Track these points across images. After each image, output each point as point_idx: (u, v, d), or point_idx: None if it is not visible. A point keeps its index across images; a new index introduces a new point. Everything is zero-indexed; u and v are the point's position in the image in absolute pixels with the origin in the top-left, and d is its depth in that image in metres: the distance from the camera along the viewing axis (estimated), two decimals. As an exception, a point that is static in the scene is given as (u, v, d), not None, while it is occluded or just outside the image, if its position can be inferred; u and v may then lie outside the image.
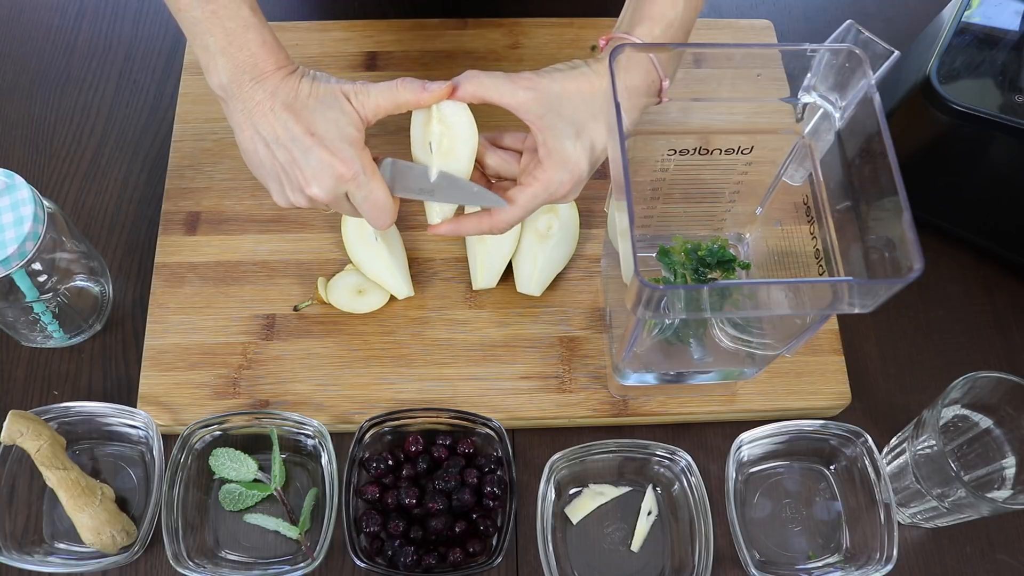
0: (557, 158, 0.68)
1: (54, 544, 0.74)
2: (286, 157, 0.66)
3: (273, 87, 0.65)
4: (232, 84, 0.66)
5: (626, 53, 0.64)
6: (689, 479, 0.74)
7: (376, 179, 0.67)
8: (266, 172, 0.68)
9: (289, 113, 0.65)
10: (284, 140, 0.65)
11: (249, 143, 0.67)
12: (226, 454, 0.75)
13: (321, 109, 0.65)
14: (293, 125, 0.65)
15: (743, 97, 0.68)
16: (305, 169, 0.66)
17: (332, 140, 0.65)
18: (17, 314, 0.77)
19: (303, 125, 0.65)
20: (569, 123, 0.68)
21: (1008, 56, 0.79)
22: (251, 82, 0.65)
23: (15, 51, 0.99)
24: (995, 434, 0.74)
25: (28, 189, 0.72)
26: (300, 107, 0.65)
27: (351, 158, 0.65)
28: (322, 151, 0.65)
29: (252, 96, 0.65)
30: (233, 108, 0.67)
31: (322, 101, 0.65)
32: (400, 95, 0.67)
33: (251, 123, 0.66)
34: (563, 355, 0.82)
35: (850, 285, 0.56)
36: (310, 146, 0.65)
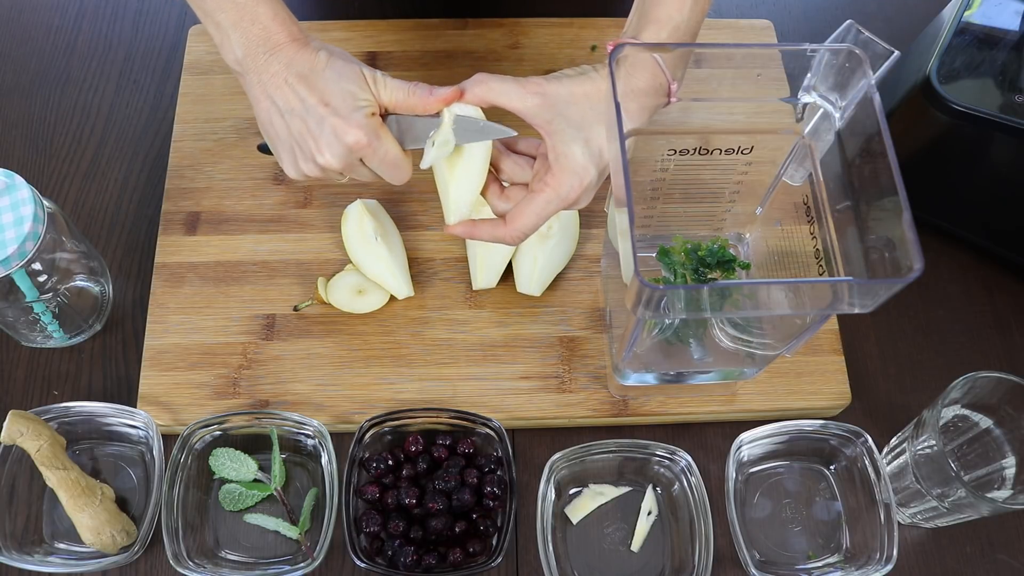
0: (566, 164, 0.67)
1: (54, 544, 0.74)
2: (300, 127, 0.67)
3: (288, 58, 0.66)
4: (247, 58, 0.66)
5: (629, 54, 0.64)
6: (689, 479, 0.74)
7: (389, 140, 0.68)
8: (280, 143, 0.69)
9: (303, 84, 0.66)
10: (299, 110, 0.66)
11: (265, 115, 0.68)
12: (226, 454, 0.75)
13: (336, 79, 0.66)
14: (307, 95, 0.66)
15: (743, 97, 0.68)
16: (319, 138, 0.66)
17: (345, 109, 0.66)
18: (17, 314, 0.77)
19: (317, 95, 0.66)
20: (577, 128, 0.67)
21: (1008, 56, 0.79)
22: (265, 54, 0.66)
23: (15, 51, 0.99)
24: (995, 434, 0.74)
25: (28, 189, 0.72)
26: (315, 78, 0.66)
27: (363, 124, 0.66)
28: (336, 119, 0.66)
29: (267, 68, 0.66)
30: (250, 81, 0.67)
31: (337, 72, 0.66)
32: (411, 98, 0.68)
33: (267, 95, 0.67)
34: (563, 355, 0.82)
35: (850, 285, 0.56)
36: (324, 116, 0.66)
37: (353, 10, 1.02)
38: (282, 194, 0.88)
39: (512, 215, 0.69)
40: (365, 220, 0.83)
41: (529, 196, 0.69)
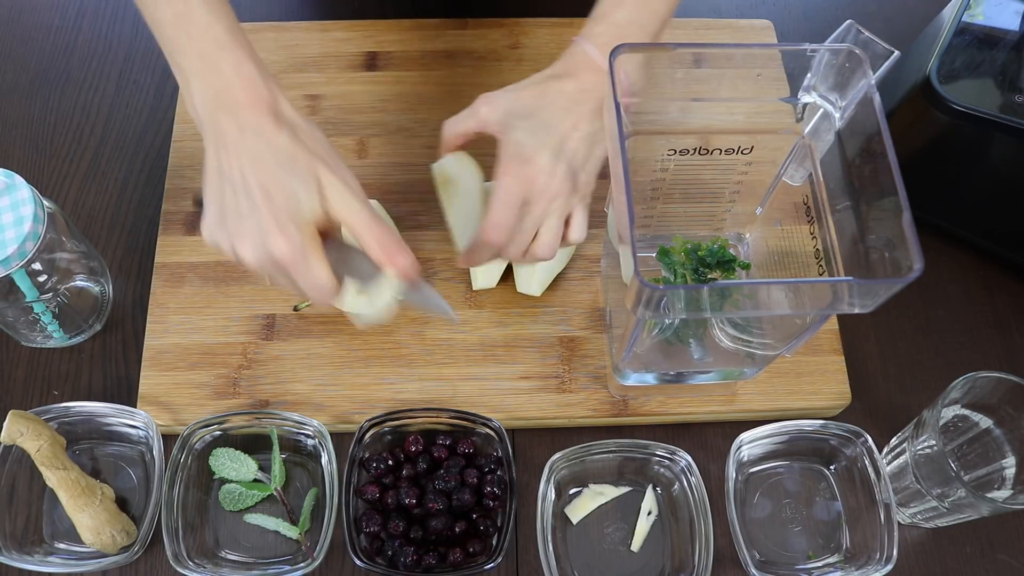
0: (513, 150, 0.70)
1: (54, 544, 0.74)
2: (232, 200, 0.61)
3: (244, 124, 0.61)
4: (204, 110, 0.62)
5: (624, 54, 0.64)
6: (689, 479, 0.74)
7: (317, 263, 0.62)
8: (212, 200, 0.63)
9: (252, 162, 0.60)
10: (238, 186, 0.61)
11: (211, 170, 0.63)
12: (226, 454, 0.75)
13: (287, 175, 0.60)
14: (251, 176, 0.60)
15: (743, 97, 0.68)
16: (244, 223, 0.61)
17: (283, 212, 0.60)
18: (17, 314, 0.77)
19: (260, 180, 0.60)
20: (524, 118, 0.71)
21: (1008, 56, 0.79)
22: (223, 111, 0.61)
23: (15, 51, 0.99)
24: (995, 434, 0.74)
25: (28, 189, 0.72)
26: (268, 160, 0.60)
27: (293, 238, 0.60)
28: (268, 218, 0.60)
29: (222, 126, 0.61)
30: (204, 132, 0.63)
31: (293, 166, 0.61)
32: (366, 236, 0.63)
33: (215, 152, 0.62)
34: (563, 355, 0.82)
35: (850, 285, 0.56)
36: (258, 206, 0.60)
37: (353, 10, 1.02)
38: (282, 194, 0.88)
39: (484, 219, 0.71)
40: None
41: (492, 196, 0.71)
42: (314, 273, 0.62)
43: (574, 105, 0.72)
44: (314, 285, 0.62)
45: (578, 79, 0.72)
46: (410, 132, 0.92)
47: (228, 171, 0.61)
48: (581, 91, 0.72)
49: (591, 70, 0.72)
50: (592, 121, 0.72)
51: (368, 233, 0.63)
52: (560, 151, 0.71)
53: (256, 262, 0.62)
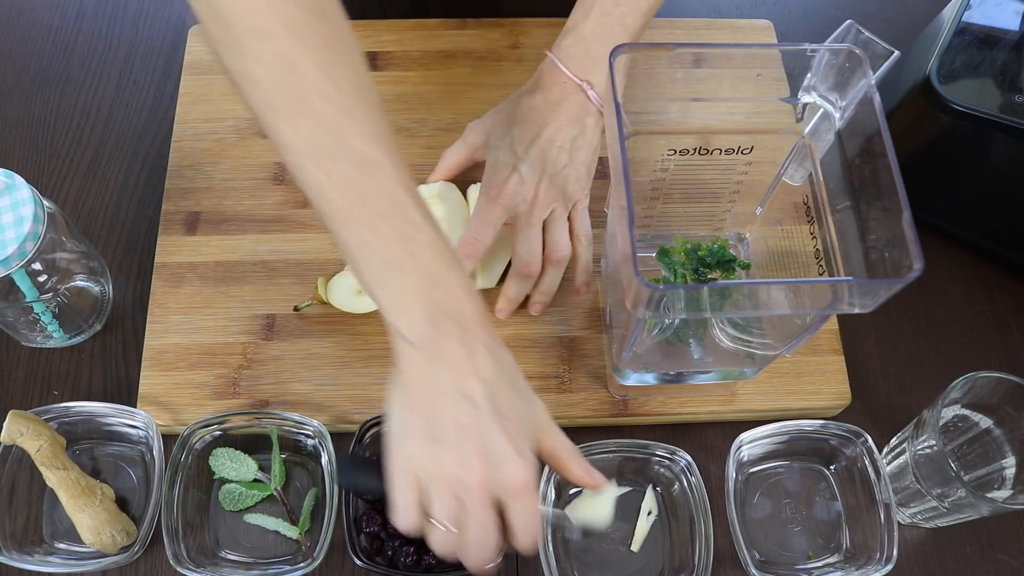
0: (490, 169, 0.77)
1: (54, 544, 0.74)
2: (471, 423, 0.55)
3: (471, 342, 0.56)
4: (426, 328, 0.56)
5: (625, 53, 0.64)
6: (689, 479, 0.74)
7: (534, 500, 0.57)
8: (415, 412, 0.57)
9: (485, 385, 0.55)
10: (478, 406, 0.55)
11: (423, 398, 0.56)
12: (226, 454, 0.75)
13: (516, 399, 0.57)
14: (485, 398, 0.55)
15: (743, 97, 0.68)
16: (482, 445, 0.55)
17: (519, 436, 0.56)
18: (17, 314, 0.77)
19: (494, 403, 0.55)
20: (500, 137, 0.77)
21: (1008, 56, 0.79)
22: (450, 327, 0.56)
23: (15, 51, 0.99)
24: (995, 434, 0.74)
25: (28, 189, 0.72)
26: (501, 382, 0.56)
27: (531, 463, 0.56)
28: (506, 441, 0.55)
29: (447, 343, 0.55)
30: (418, 358, 0.56)
31: (520, 392, 0.58)
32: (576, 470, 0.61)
33: (439, 375, 0.55)
34: (563, 355, 0.82)
35: (850, 285, 0.57)
36: (496, 430, 0.55)
37: (353, 10, 1.01)
38: (282, 194, 0.88)
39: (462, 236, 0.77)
40: None
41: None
42: (532, 512, 0.57)
43: (545, 117, 0.75)
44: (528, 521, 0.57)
45: (546, 92, 0.75)
46: (410, 132, 0.92)
47: (450, 387, 0.56)
48: (548, 103, 0.75)
49: (559, 82, 0.75)
50: (567, 129, 0.75)
51: (576, 460, 0.61)
52: (536, 162, 0.74)
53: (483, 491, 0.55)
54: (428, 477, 0.56)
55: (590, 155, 0.77)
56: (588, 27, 0.75)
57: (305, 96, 0.54)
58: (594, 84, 0.74)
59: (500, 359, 0.57)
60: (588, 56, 0.74)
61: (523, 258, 0.77)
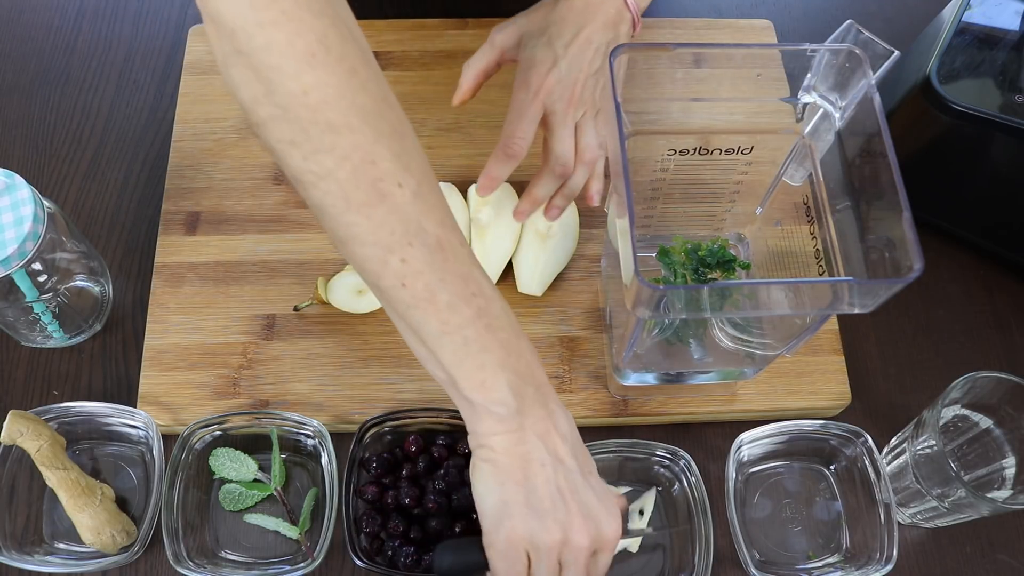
0: (525, 65, 0.73)
1: (54, 544, 0.74)
2: (566, 485, 0.58)
3: (550, 404, 0.59)
4: (512, 399, 0.57)
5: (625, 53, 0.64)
6: (689, 479, 0.74)
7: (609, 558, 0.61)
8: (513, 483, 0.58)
9: (565, 444, 0.58)
10: (568, 466, 0.58)
11: (517, 470, 0.58)
12: (226, 454, 0.75)
13: (585, 453, 0.60)
14: (568, 455, 0.58)
15: (743, 97, 0.68)
16: (581, 506, 0.58)
17: (602, 488, 0.59)
18: (17, 314, 0.77)
19: (578, 460, 0.59)
20: (535, 36, 0.73)
21: (1008, 56, 0.79)
22: (535, 393, 0.58)
23: (15, 51, 0.99)
24: (995, 434, 0.74)
25: (28, 189, 0.72)
26: (575, 438, 0.60)
27: (618, 517, 0.59)
28: (597, 497, 0.58)
29: (534, 411, 0.58)
30: (504, 428, 0.58)
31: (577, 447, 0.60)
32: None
33: (527, 441, 0.58)
34: (563, 355, 0.82)
35: (850, 285, 0.57)
36: (587, 487, 0.58)
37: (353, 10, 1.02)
38: (282, 194, 0.88)
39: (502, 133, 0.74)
40: None
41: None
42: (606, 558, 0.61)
43: (583, 18, 0.72)
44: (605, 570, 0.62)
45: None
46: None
47: (555, 453, 0.58)
48: (588, 4, 0.72)
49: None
50: (604, 32, 0.73)
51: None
52: (576, 60, 0.72)
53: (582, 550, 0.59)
54: (534, 548, 0.58)
55: None
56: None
57: (382, 186, 0.53)
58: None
59: (568, 413, 0.60)
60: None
61: (560, 157, 0.74)
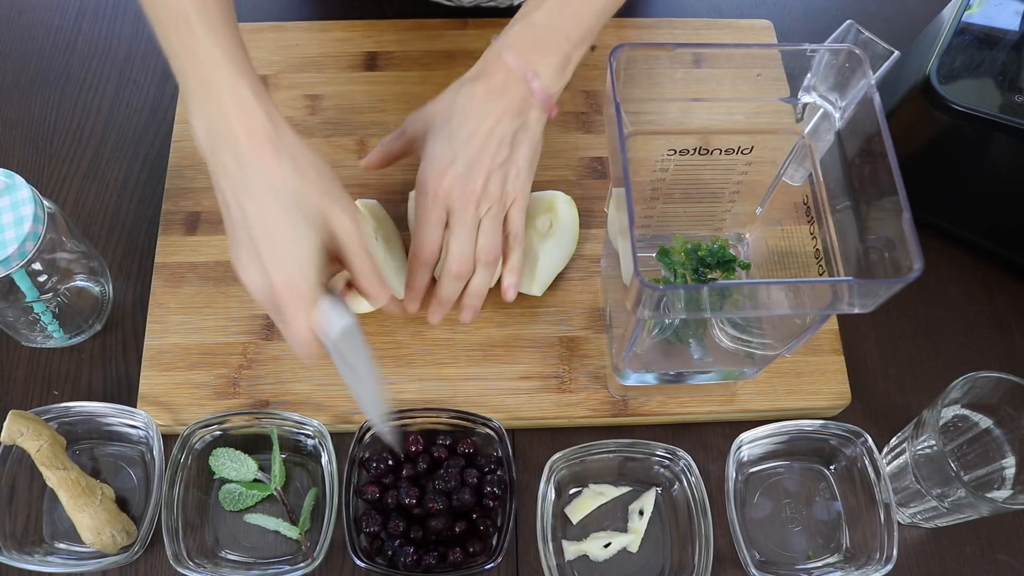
0: (427, 163, 0.72)
1: (54, 544, 0.74)
2: (239, 234, 0.62)
3: (244, 160, 0.61)
4: (204, 142, 0.62)
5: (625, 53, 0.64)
6: (689, 479, 0.74)
7: (302, 316, 0.63)
8: (227, 227, 0.65)
9: (252, 200, 0.61)
10: (237, 219, 0.62)
11: (218, 198, 0.64)
12: (226, 454, 0.75)
13: (287, 215, 0.61)
14: (251, 212, 0.61)
15: (743, 97, 0.68)
16: (244, 254, 0.62)
17: (281, 251, 0.61)
18: (17, 314, 0.77)
19: (263, 216, 0.61)
20: (438, 128, 0.72)
21: (1008, 56, 0.79)
22: (222, 144, 0.61)
23: (15, 51, 0.99)
24: (995, 434, 0.74)
25: (28, 189, 0.72)
26: (270, 197, 0.61)
27: (294, 279, 0.61)
28: (268, 256, 0.61)
29: (222, 159, 0.62)
30: (208, 164, 0.64)
31: (297, 205, 0.61)
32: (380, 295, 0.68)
33: (218, 182, 0.63)
34: (563, 355, 0.82)
35: (850, 285, 0.57)
36: (259, 240, 0.61)
37: (353, 10, 1.02)
38: (282, 194, 0.88)
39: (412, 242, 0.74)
40: (364, 220, 0.82)
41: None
42: (297, 325, 0.63)
43: (485, 107, 0.71)
44: (295, 334, 0.64)
45: (488, 80, 0.71)
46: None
47: (231, 204, 0.62)
48: (489, 92, 0.71)
49: (502, 71, 0.71)
50: (510, 121, 0.71)
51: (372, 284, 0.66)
52: (476, 156, 0.70)
53: (258, 295, 0.63)
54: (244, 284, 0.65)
55: (532, 151, 0.73)
56: (541, 16, 0.71)
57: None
58: (540, 75, 0.70)
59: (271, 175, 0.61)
60: (536, 45, 0.70)
61: (456, 257, 0.72)
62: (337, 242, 0.64)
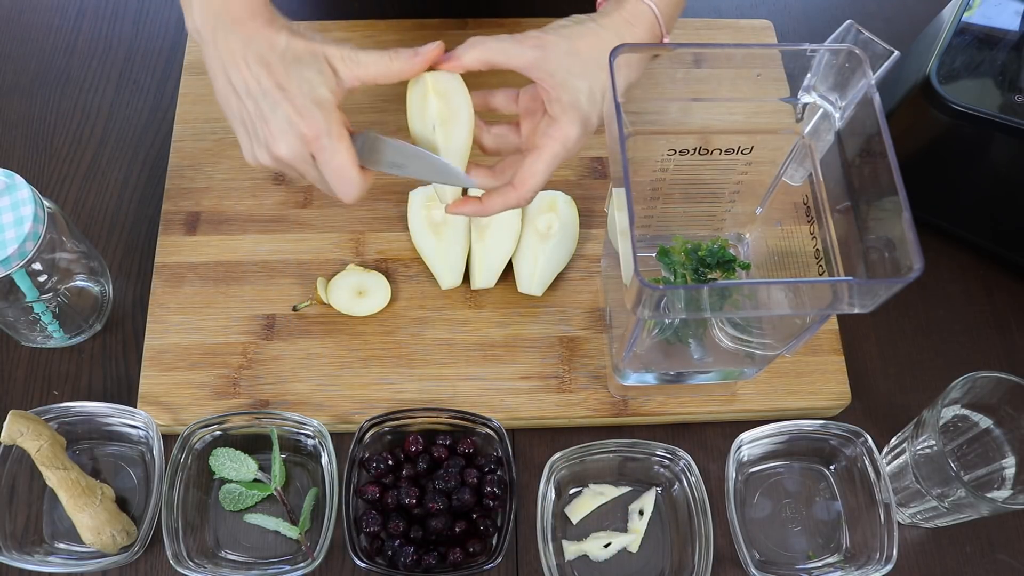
0: (573, 114, 0.67)
1: (54, 544, 0.74)
2: (255, 109, 0.64)
3: (247, 36, 0.63)
4: (205, 28, 0.64)
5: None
6: (689, 479, 0.74)
7: (342, 145, 0.64)
8: (238, 122, 0.66)
9: (261, 66, 0.63)
10: (254, 92, 0.63)
11: (222, 91, 0.65)
12: (226, 454, 0.75)
13: (296, 67, 0.63)
14: (264, 78, 0.63)
15: (743, 97, 0.68)
16: (271, 123, 0.64)
17: (302, 99, 0.63)
18: (17, 314, 0.77)
19: (274, 79, 0.63)
20: (580, 77, 0.67)
21: (1008, 56, 0.79)
22: (223, 29, 0.63)
23: (15, 51, 0.99)
24: (995, 434, 0.74)
25: (28, 189, 0.72)
26: (274, 61, 0.63)
27: (317, 119, 0.63)
28: (289, 108, 0.63)
29: (225, 43, 0.63)
30: (207, 54, 0.65)
31: (298, 58, 0.63)
32: (394, 65, 0.65)
33: (224, 71, 0.64)
34: (563, 355, 0.82)
35: (850, 285, 0.56)
36: (278, 101, 0.63)
37: (353, 10, 1.02)
38: (282, 194, 0.88)
39: (521, 177, 0.68)
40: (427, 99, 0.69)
41: (535, 153, 0.67)
42: (337, 153, 0.64)
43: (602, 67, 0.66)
44: (338, 167, 0.64)
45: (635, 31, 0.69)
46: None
47: (242, 82, 0.64)
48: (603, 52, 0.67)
49: (646, 25, 0.69)
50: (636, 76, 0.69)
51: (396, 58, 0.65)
52: (600, 112, 0.69)
53: (291, 152, 0.64)
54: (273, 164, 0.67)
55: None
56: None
57: None
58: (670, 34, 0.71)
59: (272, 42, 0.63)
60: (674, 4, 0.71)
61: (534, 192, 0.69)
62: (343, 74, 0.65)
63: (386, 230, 0.87)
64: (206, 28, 0.64)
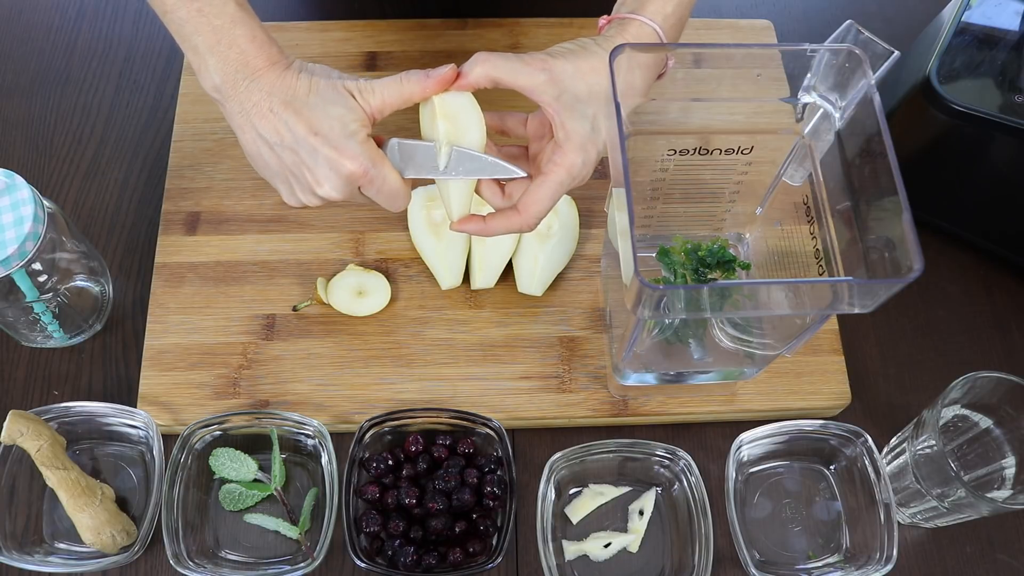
0: (576, 140, 0.66)
1: (54, 544, 0.74)
2: (292, 159, 0.64)
3: (269, 85, 0.63)
4: (226, 85, 0.64)
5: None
6: (689, 479, 0.74)
7: (387, 168, 0.65)
8: (273, 174, 0.67)
9: (289, 112, 0.63)
10: (288, 141, 0.63)
11: (252, 146, 0.65)
12: (226, 454, 0.75)
13: (322, 105, 0.63)
14: (295, 124, 0.63)
15: (743, 97, 0.68)
16: (315, 169, 0.64)
17: (337, 137, 0.63)
18: (17, 314, 0.77)
19: (305, 124, 0.63)
20: (585, 103, 0.66)
21: (1008, 56, 0.79)
22: (245, 81, 0.63)
23: (15, 51, 0.99)
24: (995, 434, 0.74)
25: (28, 189, 0.72)
26: (300, 105, 0.63)
27: (358, 154, 0.63)
28: (329, 151, 0.63)
29: (248, 96, 0.63)
30: (231, 110, 0.65)
31: (323, 97, 0.63)
32: (406, 88, 0.65)
33: (251, 125, 0.64)
34: (563, 355, 0.82)
35: (850, 285, 0.57)
36: (316, 146, 0.63)
37: (353, 10, 1.02)
38: (282, 194, 0.88)
39: (525, 202, 0.68)
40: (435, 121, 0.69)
41: (540, 179, 0.67)
42: (385, 177, 0.65)
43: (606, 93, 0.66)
44: (390, 191, 0.66)
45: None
46: (410, 132, 0.91)
47: (273, 134, 0.64)
48: (635, 65, 0.67)
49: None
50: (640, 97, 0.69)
51: (408, 81, 0.65)
52: (602, 144, 0.68)
53: (339, 192, 0.65)
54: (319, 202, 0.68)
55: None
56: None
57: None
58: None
59: (294, 87, 0.64)
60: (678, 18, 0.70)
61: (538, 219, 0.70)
62: (367, 102, 0.65)
63: (386, 230, 0.87)
64: (227, 85, 0.64)
